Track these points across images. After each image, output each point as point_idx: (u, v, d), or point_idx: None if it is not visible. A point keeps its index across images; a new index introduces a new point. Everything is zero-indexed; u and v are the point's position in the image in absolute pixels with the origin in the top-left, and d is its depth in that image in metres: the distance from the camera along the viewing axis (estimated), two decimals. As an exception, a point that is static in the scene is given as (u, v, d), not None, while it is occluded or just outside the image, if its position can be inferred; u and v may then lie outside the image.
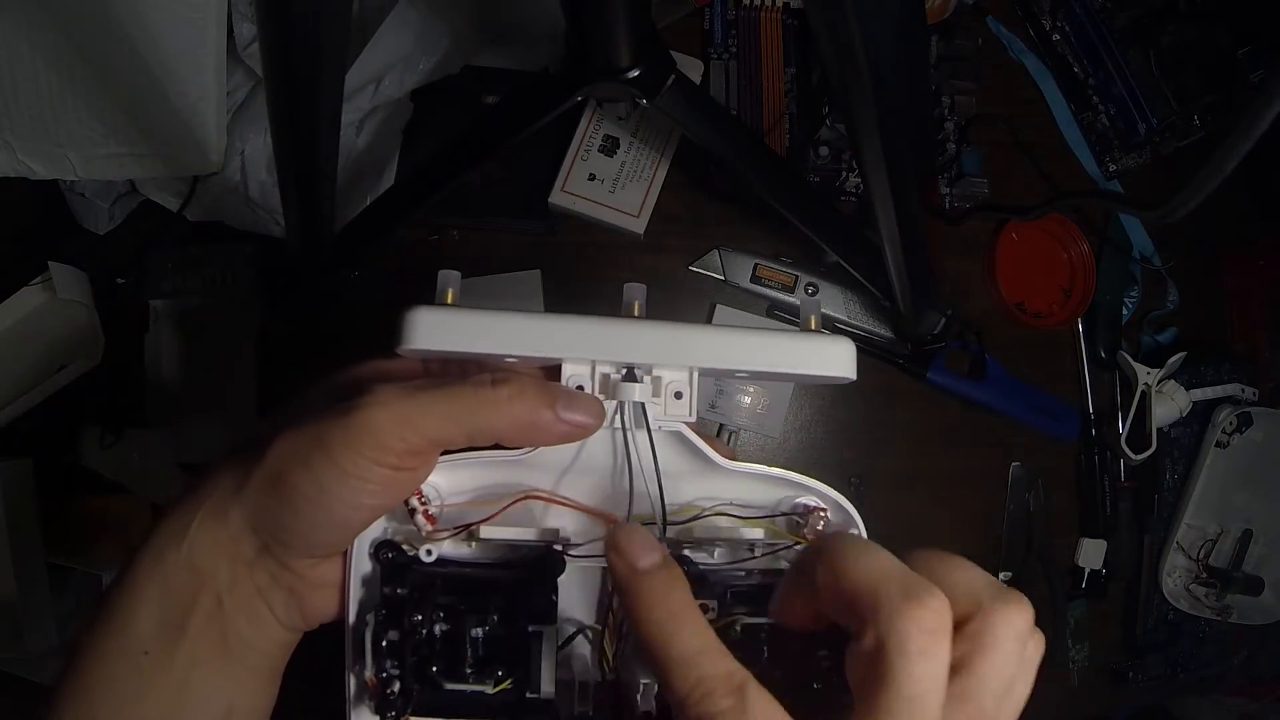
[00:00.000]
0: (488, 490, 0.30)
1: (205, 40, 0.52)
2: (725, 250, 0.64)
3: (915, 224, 0.47)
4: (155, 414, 0.61)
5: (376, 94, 0.58)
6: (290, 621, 0.29)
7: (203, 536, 0.28)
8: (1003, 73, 0.69)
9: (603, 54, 0.45)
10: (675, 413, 0.30)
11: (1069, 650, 0.67)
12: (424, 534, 0.29)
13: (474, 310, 0.28)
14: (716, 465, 0.30)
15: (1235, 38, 0.64)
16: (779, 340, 0.29)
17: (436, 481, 0.30)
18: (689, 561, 0.30)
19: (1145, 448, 0.65)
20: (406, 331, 0.28)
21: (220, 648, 0.28)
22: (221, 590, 0.28)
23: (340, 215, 0.57)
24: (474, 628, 0.28)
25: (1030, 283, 0.68)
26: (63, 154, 0.56)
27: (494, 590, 0.29)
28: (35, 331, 0.59)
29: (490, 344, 0.28)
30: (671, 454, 0.30)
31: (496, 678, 0.28)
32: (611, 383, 0.29)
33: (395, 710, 0.28)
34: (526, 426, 0.27)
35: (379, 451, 0.25)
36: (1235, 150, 0.29)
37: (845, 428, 0.66)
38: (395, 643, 0.28)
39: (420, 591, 0.28)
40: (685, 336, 0.29)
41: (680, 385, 0.30)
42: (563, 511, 0.30)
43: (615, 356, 0.29)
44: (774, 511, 0.31)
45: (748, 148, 0.54)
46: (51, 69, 0.53)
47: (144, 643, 0.27)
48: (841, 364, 0.30)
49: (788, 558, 0.30)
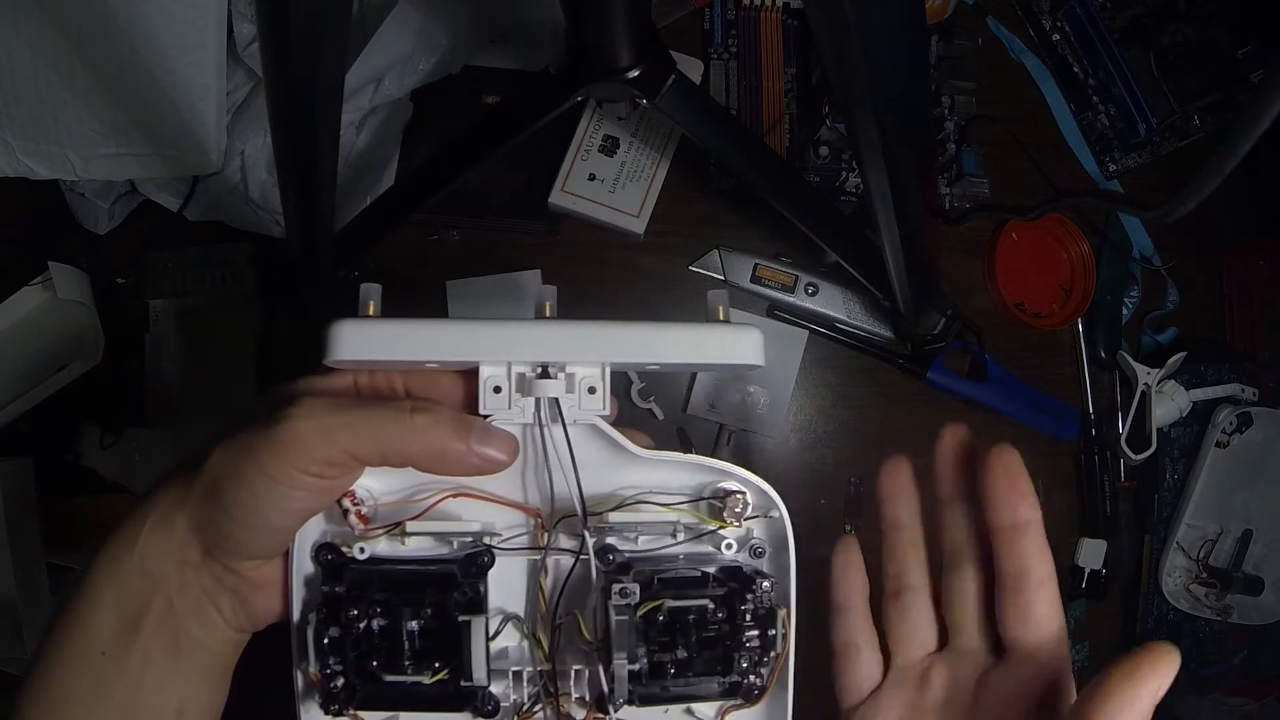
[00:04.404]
0: (419, 488, 0.31)
1: (205, 40, 0.52)
2: (725, 250, 0.64)
3: (915, 224, 0.47)
4: (155, 414, 0.61)
5: (376, 94, 0.58)
6: (238, 622, 0.31)
7: (153, 542, 0.29)
8: (1003, 73, 0.69)
9: (603, 54, 0.45)
10: (590, 407, 0.31)
11: (1069, 650, 0.67)
12: (357, 534, 0.30)
13: (393, 321, 0.29)
14: (634, 455, 0.31)
15: (1235, 38, 0.64)
16: (686, 332, 0.31)
17: (370, 483, 0.31)
18: (614, 549, 0.31)
19: (1145, 448, 0.65)
20: (331, 344, 0.29)
21: (172, 648, 0.29)
22: (172, 593, 0.29)
23: (340, 215, 0.57)
24: (409, 621, 0.29)
25: (1030, 283, 0.68)
26: (63, 154, 0.56)
27: (428, 584, 0.30)
28: (35, 331, 0.59)
29: (410, 352, 0.29)
30: (590, 447, 0.31)
31: (433, 669, 0.29)
32: (527, 381, 0.30)
33: (339, 704, 0.29)
34: (437, 455, 0.28)
35: (303, 461, 0.27)
36: (1235, 150, 0.29)
37: (845, 427, 0.66)
38: (336, 639, 0.29)
39: (357, 589, 0.30)
40: (595, 333, 0.30)
41: (593, 380, 0.31)
42: (493, 505, 0.32)
43: (529, 356, 0.30)
44: (697, 497, 0.32)
45: (748, 148, 0.54)
46: (51, 69, 0.53)
47: (102, 643, 0.29)
48: (749, 352, 0.31)
49: (712, 542, 0.31)
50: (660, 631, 0.30)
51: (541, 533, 0.31)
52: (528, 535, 0.31)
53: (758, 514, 0.32)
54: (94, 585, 0.29)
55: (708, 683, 0.30)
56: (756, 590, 0.30)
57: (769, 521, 0.32)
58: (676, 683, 0.30)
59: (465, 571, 0.30)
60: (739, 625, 0.30)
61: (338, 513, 0.30)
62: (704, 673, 0.30)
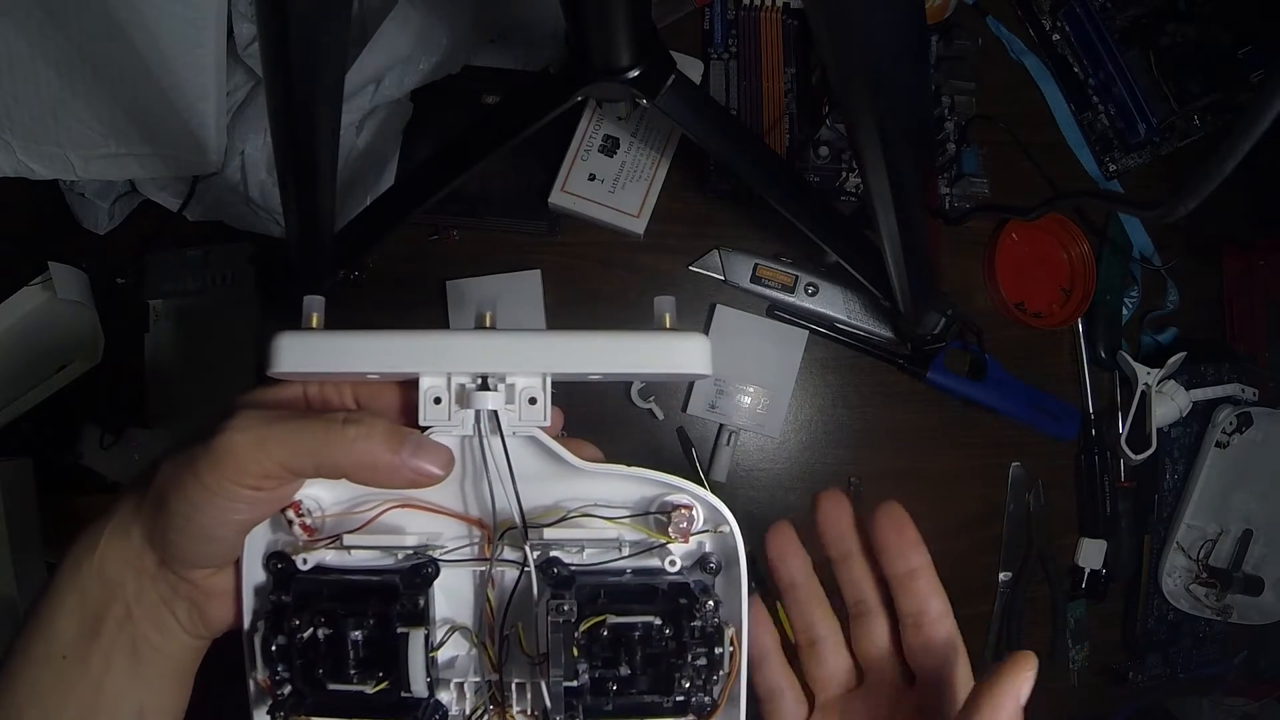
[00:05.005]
0: (364, 499, 0.31)
1: (205, 40, 0.52)
2: (725, 250, 0.64)
3: (915, 224, 0.47)
4: (155, 414, 0.61)
5: (376, 94, 0.58)
6: (194, 629, 0.31)
7: (111, 550, 0.30)
8: (1003, 73, 0.69)
9: (603, 54, 0.45)
10: (530, 418, 0.30)
11: (1069, 650, 0.67)
12: (301, 545, 0.30)
13: (333, 333, 0.29)
14: (575, 468, 0.31)
15: (1235, 38, 0.64)
16: (629, 341, 0.30)
17: (318, 493, 0.31)
18: (558, 563, 0.30)
19: (1145, 448, 0.65)
20: (272, 356, 0.29)
21: (131, 653, 0.30)
22: (130, 600, 0.30)
23: (340, 215, 0.57)
24: (353, 631, 0.29)
25: (1030, 283, 0.68)
26: (63, 154, 0.56)
27: (370, 595, 0.30)
28: (35, 331, 0.59)
29: (350, 363, 0.29)
30: (531, 458, 0.31)
31: (377, 679, 0.29)
32: (467, 392, 0.30)
33: (285, 710, 0.29)
34: (369, 467, 0.28)
35: (237, 474, 0.27)
36: (1235, 150, 0.28)
37: (845, 428, 0.66)
38: (283, 647, 0.29)
39: (303, 599, 0.30)
40: (534, 343, 0.30)
41: (534, 391, 0.30)
42: (441, 517, 0.31)
43: (468, 367, 0.30)
44: (645, 510, 0.31)
45: (748, 148, 0.54)
46: (51, 69, 0.53)
47: (64, 647, 0.30)
48: (695, 361, 0.30)
49: (660, 555, 0.31)
50: (604, 647, 0.30)
51: (487, 544, 0.31)
52: (474, 547, 0.31)
53: (708, 528, 0.31)
54: (57, 590, 0.30)
55: (656, 700, 0.30)
56: (702, 609, 0.30)
57: (719, 536, 0.31)
58: (621, 699, 0.30)
59: (408, 583, 0.30)
60: (685, 643, 0.30)
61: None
62: (649, 690, 0.30)
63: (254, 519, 0.30)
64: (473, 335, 0.30)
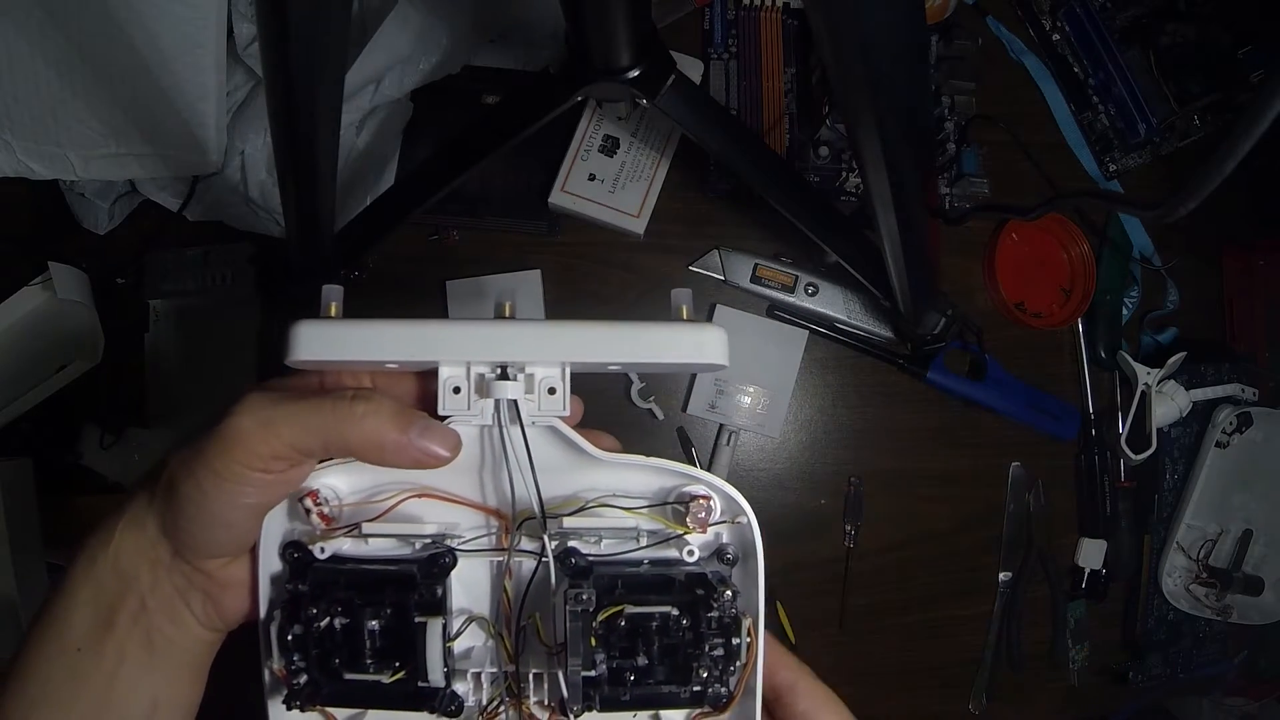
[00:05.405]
0: (383, 488, 0.31)
1: (205, 40, 0.52)
2: (725, 250, 0.65)
3: (915, 224, 0.47)
4: (155, 414, 0.61)
5: (376, 94, 0.58)
6: (209, 621, 0.31)
7: (125, 543, 0.30)
8: (1003, 73, 0.69)
9: (603, 54, 0.45)
10: (549, 408, 0.30)
11: (1069, 650, 0.67)
12: (319, 533, 0.30)
13: (352, 321, 0.29)
14: (593, 458, 0.31)
15: (1235, 38, 0.64)
16: (649, 331, 0.30)
17: (336, 482, 0.31)
18: (576, 553, 0.30)
19: (1145, 448, 0.65)
20: (291, 344, 0.29)
21: (145, 646, 0.30)
22: (144, 592, 0.30)
23: (340, 215, 0.57)
24: (369, 621, 0.29)
25: (1030, 283, 0.68)
26: (63, 154, 0.56)
27: (388, 584, 0.30)
28: (35, 331, 0.59)
29: (369, 352, 0.29)
30: (551, 448, 0.31)
31: (393, 668, 0.29)
32: (486, 382, 0.30)
33: (301, 699, 0.29)
34: (376, 445, 0.28)
35: (247, 456, 0.27)
36: (1235, 150, 0.28)
37: (845, 428, 0.66)
38: (299, 636, 0.29)
39: (320, 588, 0.30)
40: (554, 333, 0.30)
41: (553, 381, 0.30)
42: (458, 506, 0.31)
43: (487, 356, 0.30)
44: (663, 501, 0.31)
45: (748, 148, 0.54)
46: (51, 69, 0.53)
47: (77, 640, 0.30)
48: (714, 351, 0.30)
49: (678, 546, 0.31)
50: (622, 638, 0.30)
51: (505, 534, 0.31)
52: (492, 537, 0.31)
53: (725, 519, 0.31)
54: (71, 583, 0.30)
55: (673, 690, 0.30)
56: (719, 599, 0.30)
57: (737, 527, 0.31)
58: (638, 689, 0.30)
59: (425, 573, 0.30)
60: (702, 634, 0.30)
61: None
62: (666, 681, 0.30)
63: (265, 503, 0.29)
64: (493, 324, 0.30)
